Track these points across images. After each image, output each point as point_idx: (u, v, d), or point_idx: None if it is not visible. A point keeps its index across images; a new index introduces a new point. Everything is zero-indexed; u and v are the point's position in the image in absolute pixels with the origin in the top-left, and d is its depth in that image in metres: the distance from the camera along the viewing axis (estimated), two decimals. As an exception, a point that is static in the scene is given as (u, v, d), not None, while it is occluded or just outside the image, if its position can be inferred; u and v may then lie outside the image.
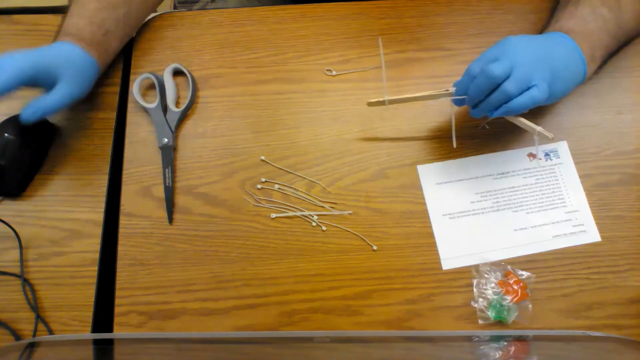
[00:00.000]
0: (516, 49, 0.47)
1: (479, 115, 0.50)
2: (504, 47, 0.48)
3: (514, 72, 0.46)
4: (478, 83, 0.47)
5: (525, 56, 0.47)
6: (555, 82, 0.49)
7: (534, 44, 0.49)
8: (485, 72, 0.46)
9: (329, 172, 0.57)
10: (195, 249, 0.54)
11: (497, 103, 0.47)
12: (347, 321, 0.52)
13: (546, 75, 0.48)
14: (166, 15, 0.65)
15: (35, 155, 0.56)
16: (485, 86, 0.47)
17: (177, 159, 0.58)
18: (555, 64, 0.49)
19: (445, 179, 0.57)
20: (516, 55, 0.47)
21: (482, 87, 0.47)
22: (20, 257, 0.53)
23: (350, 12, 0.64)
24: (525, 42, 0.48)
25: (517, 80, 0.46)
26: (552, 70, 0.48)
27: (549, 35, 0.52)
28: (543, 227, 0.55)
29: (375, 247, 0.54)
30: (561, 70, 0.49)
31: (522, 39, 0.49)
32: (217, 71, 0.61)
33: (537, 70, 0.47)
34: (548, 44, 0.50)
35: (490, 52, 0.48)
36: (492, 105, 0.48)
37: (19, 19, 0.64)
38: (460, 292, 0.53)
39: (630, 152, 0.58)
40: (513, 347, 0.48)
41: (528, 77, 0.47)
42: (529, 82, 0.47)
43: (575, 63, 0.51)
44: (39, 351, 0.43)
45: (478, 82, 0.47)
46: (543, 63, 0.48)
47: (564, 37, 0.51)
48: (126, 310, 0.52)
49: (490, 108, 0.48)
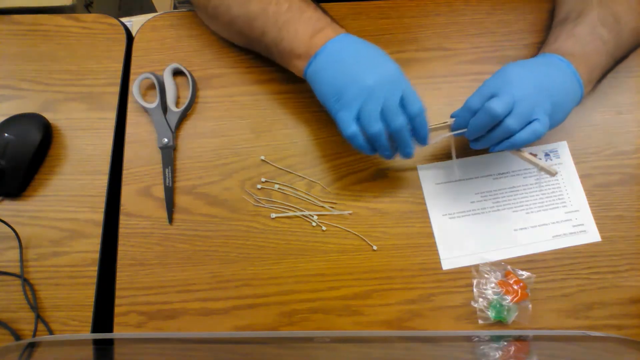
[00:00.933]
0: (516, 81, 0.46)
1: (479, 148, 0.50)
2: (504, 80, 0.47)
3: (515, 108, 0.45)
4: (479, 120, 0.46)
5: (526, 90, 0.46)
6: (556, 112, 0.48)
7: (533, 75, 0.48)
8: (486, 109, 0.45)
9: (329, 172, 0.57)
10: (195, 249, 0.54)
11: (499, 139, 0.47)
12: (347, 321, 0.52)
13: (547, 107, 0.47)
14: (166, 15, 0.65)
15: (35, 155, 0.56)
16: (486, 123, 0.46)
17: (177, 159, 0.58)
18: (556, 95, 0.48)
19: (445, 179, 0.57)
20: (517, 89, 0.46)
21: (483, 123, 0.46)
22: (20, 257, 0.53)
23: (350, 12, 0.64)
24: (524, 73, 0.47)
25: (519, 116, 0.45)
26: (553, 101, 0.47)
27: (546, 59, 0.51)
28: (543, 227, 0.55)
29: (375, 247, 0.54)
30: (561, 99, 0.48)
31: (521, 70, 0.48)
32: (217, 71, 0.61)
33: (539, 104, 0.46)
34: (546, 72, 0.49)
35: (489, 85, 0.47)
36: (493, 140, 0.47)
37: (19, 19, 0.64)
38: (460, 292, 0.53)
39: (630, 152, 0.58)
40: (513, 347, 0.48)
41: (530, 112, 0.46)
42: (530, 116, 0.46)
43: (573, 88, 0.50)
44: (39, 351, 0.43)
45: (479, 119, 0.46)
46: (544, 95, 0.47)
47: (561, 60, 0.50)
48: (126, 310, 0.52)
49: (491, 143, 0.48)
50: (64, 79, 0.61)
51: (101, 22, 0.63)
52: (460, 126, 0.49)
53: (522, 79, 0.47)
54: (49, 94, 0.60)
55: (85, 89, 0.60)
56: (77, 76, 0.61)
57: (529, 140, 0.46)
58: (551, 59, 0.50)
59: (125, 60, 0.62)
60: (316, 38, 0.50)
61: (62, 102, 0.60)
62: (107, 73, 0.61)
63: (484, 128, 0.47)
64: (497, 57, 0.62)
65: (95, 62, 0.62)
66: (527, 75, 0.47)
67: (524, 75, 0.47)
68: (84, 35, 0.63)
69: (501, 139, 0.47)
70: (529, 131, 0.46)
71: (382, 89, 0.46)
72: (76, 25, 0.63)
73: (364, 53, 0.49)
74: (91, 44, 0.62)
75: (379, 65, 0.48)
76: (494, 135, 0.47)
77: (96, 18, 0.64)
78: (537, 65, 0.50)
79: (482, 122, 0.46)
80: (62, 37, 0.63)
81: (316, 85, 0.51)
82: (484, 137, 0.48)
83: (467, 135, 0.49)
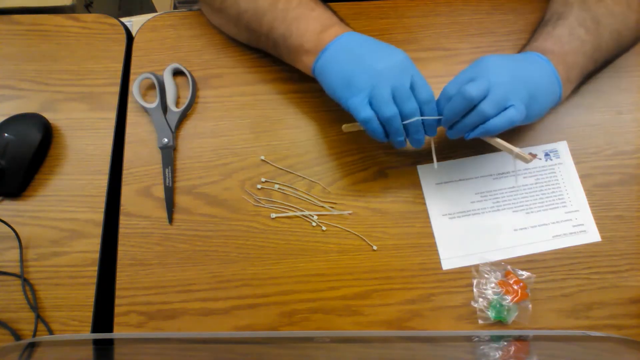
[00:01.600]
0: (493, 69, 0.47)
1: (455, 136, 0.49)
2: (481, 68, 0.47)
3: (490, 93, 0.45)
4: (454, 104, 0.46)
5: (502, 77, 0.46)
6: (532, 104, 0.48)
7: (510, 64, 0.48)
8: (461, 92, 0.45)
9: (329, 172, 0.57)
10: (195, 249, 0.54)
11: (474, 124, 0.47)
12: (347, 321, 0.52)
13: (523, 96, 0.47)
14: (166, 15, 0.65)
15: (35, 155, 0.56)
16: (461, 107, 0.46)
17: (177, 159, 0.58)
18: (532, 86, 0.48)
19: (445, 179, 0.57)
20: (493, 76, 0.46)
21: (458, 108, 0.46)
22: (20, 257, 0.53)
23: (350, 12, 0.64)
24: (502, 62, 0.47)
25: (493, 101, 0.45)
26: (529, 91, 0.47)
27: (525, 55, 0.51)
28: (543, 227, 0.55)
29: (375, 247, 0.54)
30: (537, 91, 0.48)
31: (499, 59, 0.48)
32: (217, 71, 0.61)
33: (514, 91, 0.46)
34: (524, 65, 0.49)
35: (466, 72, 0.48)
36: (468, 126, 0.47)
37: (19, 19, 0.64)
38: (460, 292, 0.53)
39: (630, 152, 0.58)
40: (513, 347, 0.48)
41: (505, 97, 0.46)
42: (505, 102, 0.46)
43: (551, 84, 0.50)
44: (39, 351, 0.43)
45: (454, 103, 0.46)
46: (520, 84, 0.47)
47: (540, 57, 0.50)
48: (126, 310, 0.52)
49: (466, 129, 0.48)
50: (64, 79, 0.61)
51: (101, 22, 0.64)
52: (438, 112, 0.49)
53: (499, 67, 0.47)
54: (49, 94, 0.60)
55: (85, 89, 0.60)
56: (77, 76, 0.61)
57: (503, 126, 0.46)
58: (530, 55, 0.51)
59: (125, 60, 0.62)
60: (325, 34, 0.51)
61: (62, 102, 0.60)
62: (107, 73, 0.61)
63: (458, 113, 0.46)
64: (497, 57, 0.62)
65: (95, 62, 0.62)
66: (504, 65, 0.47)
67: (501, 64, 0.47)
68: (84, 35, 0.63)
69: (475, 124, 0.47)
70: (503, 117, 0.46)
71: (391, 73, 0.47)
72: (76, 25, 0.63)
73: (372, 45, 0.50)
74: (91, 44, 0.62)
75: (388, 53, 0.49)
76: (468, 121, 0.47)
77: (96, 18, 0.64)
78: (515, 58, 0.50)
79: (457, 107, 0.46)
80: (62, 37, 0.63)
81: (325, 77, 0.51)
82: (459, 122, 0.48)
83: (443, 123, 0.49)
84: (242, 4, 0.54)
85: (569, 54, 0.51)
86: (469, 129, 0.47)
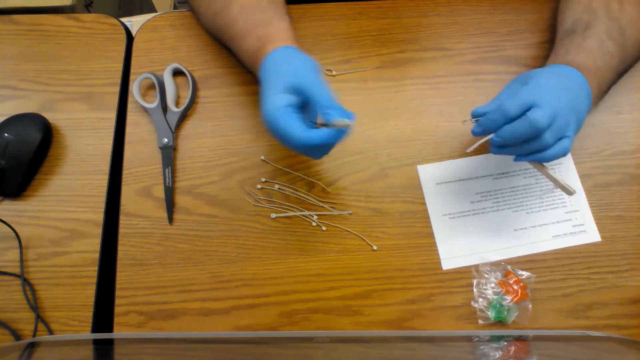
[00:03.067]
0: (553, 94, 0.44)
1: (503, 154, 0.48)
2: (540, 90, 0.44)
3: (554, 122, 0.44)
4: (517, 128, 0.44)
5: (562, 103, 0.44)
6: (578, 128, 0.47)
7: (562, 88, 0.46)
8: (529, 121, 0.43)
9: (329, 172, 0.57)
10: (195, 249, 0.54)
11: (531, 151, 0.45)
12: (347, 321, 0.52)
13: (575, 125, 0.46)
14: (166, 15, 0.65)
15: (35, 155, 0.56)
16: (525, 134, 0.44)
17: (177, 159, 0.58)
18: (582, 111, 0.47)
19: (445, 179, 0.57)
20: (555, 103, 0.44)
21: (521, 133, 0.44)
22: (20, 257, 0.53)
23: (350, 12, 0.64)
24: (556, 84, 0.46)
25: (555, 131, 0.44)
26: (578, 119, 0.47)
27: (567, 72, 0.48)
28: (543, 227, 0.55)
29: (375, 247, 0.54)
30: (582, 116, 0.48)
31: (552, 80, 0.46)
32: (217, 71, 0.61)
33: (571, 121, 0.45)
34: (573, 88, 0.47)
35: (527, 93, 0.44)
36: (524, 151, 0.46)
37: (19, 19, 0.64)
38: (460, 292, 0.53)
39: (630, 152, 0.58)
40: (513, 347, 0.48)
41: (565, 128, 0.45)
42: (564, 132, 0.45)
43: (588, 106, 0.49)
44: (39, 351, 0.43)
45: (518, 128, 0.44)
46: (573, 113, 0.46)
47: (577, 74, 0.48)
48: (126, 310, 0.52)
49: (520, 153, 0.46)
50: (64, 79, 0.61)
51: (101, 22, 0.64)
52: (486, 127, 0.46)
53: (556, 90, 0.45)
54: (49, 94, 0.60)
55: (85, 89, 0.60)
56: (77, 76, 0.61)
57: (557, 156, 0.45)
58: (571, 73, 0.48)
59: (125, 60, 0.62)
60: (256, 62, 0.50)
61: (62, 102, 0.60)
62: (107, 73, 0.61)
63: (520, 138, 0.44)
64: (497, 57, 0.62)
65: (95, 62, 0.62)
66: (559, 87, 0.46)
67: (557, 87, 0.45)
68: (84, 35, 0.63)
69: (532, 152, 0.45)
70: (559, 147, 0.45)
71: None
72: (76, 25, 0.63)
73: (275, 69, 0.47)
74: (91, 44, 0.62)
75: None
76: (527, 147, 0.45)
77: (96, 18, 0.64)
78: (563, 77, 0.48)
79: (520, 132, 0.44)
80: (62, 37, 0.63)
81: None
82: (514, 146, 0.46)
83: (494, 142, 0.46)
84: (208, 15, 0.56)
85: (601, 71, 0.50)
86: (524, 153, 0.46)
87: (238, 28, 0.52)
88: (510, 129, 0.44)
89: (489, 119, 0.46)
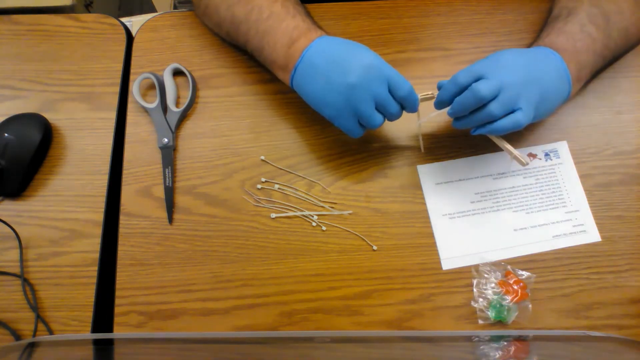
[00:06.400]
0: (507, 68, 0.47)
1: (460, 127, 0.50)
2: (496, 64, 0.47)
3: (501, 94, 0.46)
4: (463, 99, 0.47)
5: (515, 77, 0.46)
6: (542, 104, 0.48)
7: (525, 64, 0.48)
8: (472, 90, 0.45)
9: (329, 172, 0.57)
10: (195, 249, 0.54)
11: (480, 122, 0.48)
12: (347, 321, 0.52)
13: (534, 98, 0.47)
14: (166, 15, 0.65)
15: (35, 155, 0.56)
16: (470, 104, 0.46)
17: (177, 159, 0.58)
18: (544, 86, 0.48)
19: (445, 179, 0.57)
20: (506, 76, 0.46)
21: (466, 104, 0.47)
22: (20, 257, 0.53)
23: (350, 12, 0.64)
24: (516, 60, 0.48)
25: (502, 102, 0.46)
26: (541, 92, 0.48)
27: (539, 51, 0.51)
28: (543, 227, 0.55)
29: (375, 247, 0.54)
30: (548, 91, 0.49)
31: (514, 56, 0.48)
32: (217, 71, 0.61)
33: (525, 94, 0.47)
34: (538, 63, 0.49)
35: (480, 65, 0.47)
36: (474, 122, 0.48)
37: (19, 19, 0.64)
38: (460, 292, 0.53)
39: (630, 152, 0.58)
40: (513, 347, 0.48)
41: (514, 100, 0.46)
42: (514, 105, 0.46)
43: (562, 84, 0.50)
44: (39, 351, 0.43)
45: (463, 98, 0.47)
46: (533, 86, 0.47)
47: (553, 54, 0.50)
48: (126, 310, 0.52)
49: (472, 125, 0.49)
50: (64, 79, 0.61)
51: (101, 22, 0.64)
52: (443, 98, 0.49)
53: (513, 66, 0.47)
54: (49, 94, 0.60)
55: (85, 89, 0.60)
56: (77, 76, 0.61)
57: (508, 128, 0.47)
58: (545, 52, 0.51)
59: (125, 60, 0.62)
60: (292, 49, 0.50)
61: (62, 102, 0.60)
62: (107, 73, 0.61)
63: (467, 108, 0.47)
64: (497, 57, 0.62)
65: (95, 62, 0.62)
66: (519, 63, 0.48)
67: (516, 63, 0.47)
68: (84, 35, 0.63)
69: (482, 122, 0.48)
70: (510, 119, 0.46)
71: (368, 85, 0.47)
72: (76, 25, 0.63)
73: (339, 55, 0.48)
74: (91, 44, 0.62)
75: (357, 62, 0.47)
76: (475, 118, 0.47)
77: (96, 18, 0.64)
78: (531, 55, 0.50)
79: (466, 102, 0.46)
80: (62, 37, 0.63)
81: (304, 98, 0.52)
82: (466, 117, 0.48)
83: (450, 113, 0.49)
84: (222, 12, 0.55)
85: (581, 52, 0.51)
86: (475, 124, 0.48)
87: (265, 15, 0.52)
88: (458, 99, 0.47)
89: (444, 87, 0.49)
